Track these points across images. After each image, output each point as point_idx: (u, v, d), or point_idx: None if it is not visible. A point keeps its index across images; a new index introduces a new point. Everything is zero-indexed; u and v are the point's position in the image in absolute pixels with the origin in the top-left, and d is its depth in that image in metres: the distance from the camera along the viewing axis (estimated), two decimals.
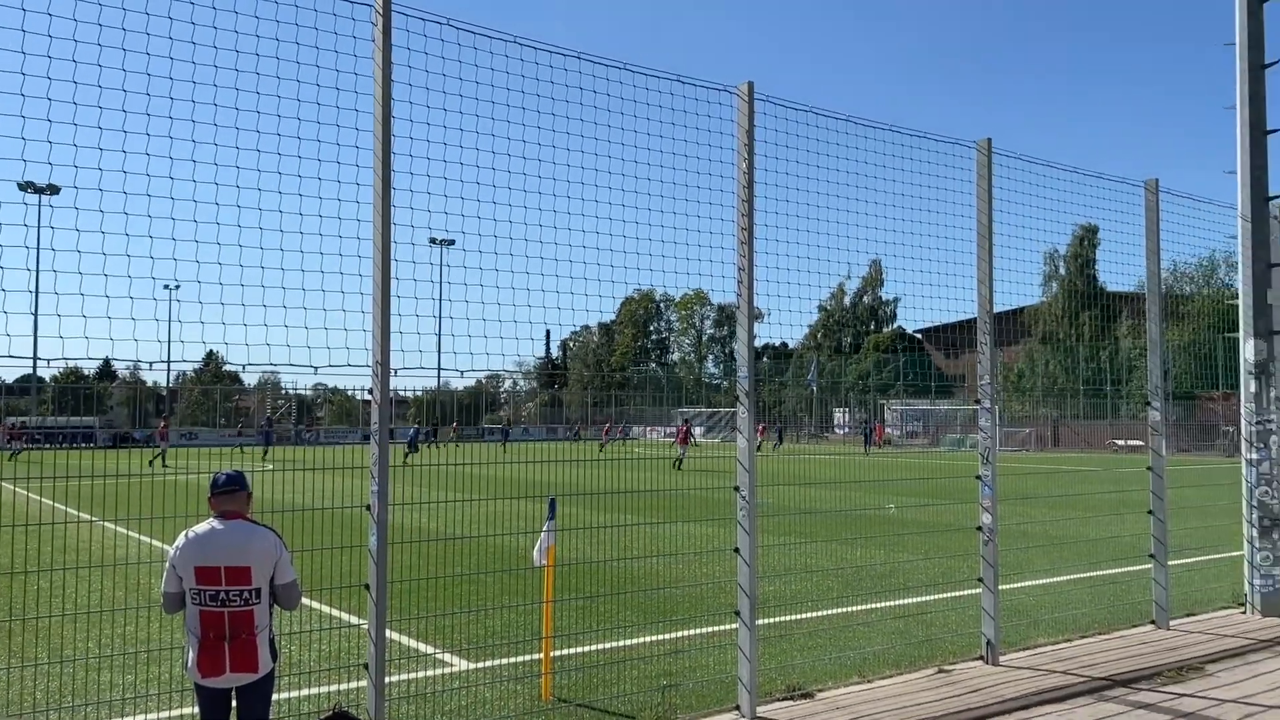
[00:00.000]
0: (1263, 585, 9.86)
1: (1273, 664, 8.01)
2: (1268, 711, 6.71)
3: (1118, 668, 7.78)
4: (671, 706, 6.66)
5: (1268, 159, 10.51)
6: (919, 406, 68.00)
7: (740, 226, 6.83)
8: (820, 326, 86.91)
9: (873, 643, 8.58)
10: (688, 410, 77.57)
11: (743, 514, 6.66)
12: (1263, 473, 10.06)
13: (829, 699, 6.89)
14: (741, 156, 6.82)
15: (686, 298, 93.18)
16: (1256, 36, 10.43)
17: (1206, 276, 57.14)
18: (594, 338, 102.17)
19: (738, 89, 6.83)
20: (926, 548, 13.99)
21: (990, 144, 8.19)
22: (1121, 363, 56.06)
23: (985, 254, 8.18)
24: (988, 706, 6.73)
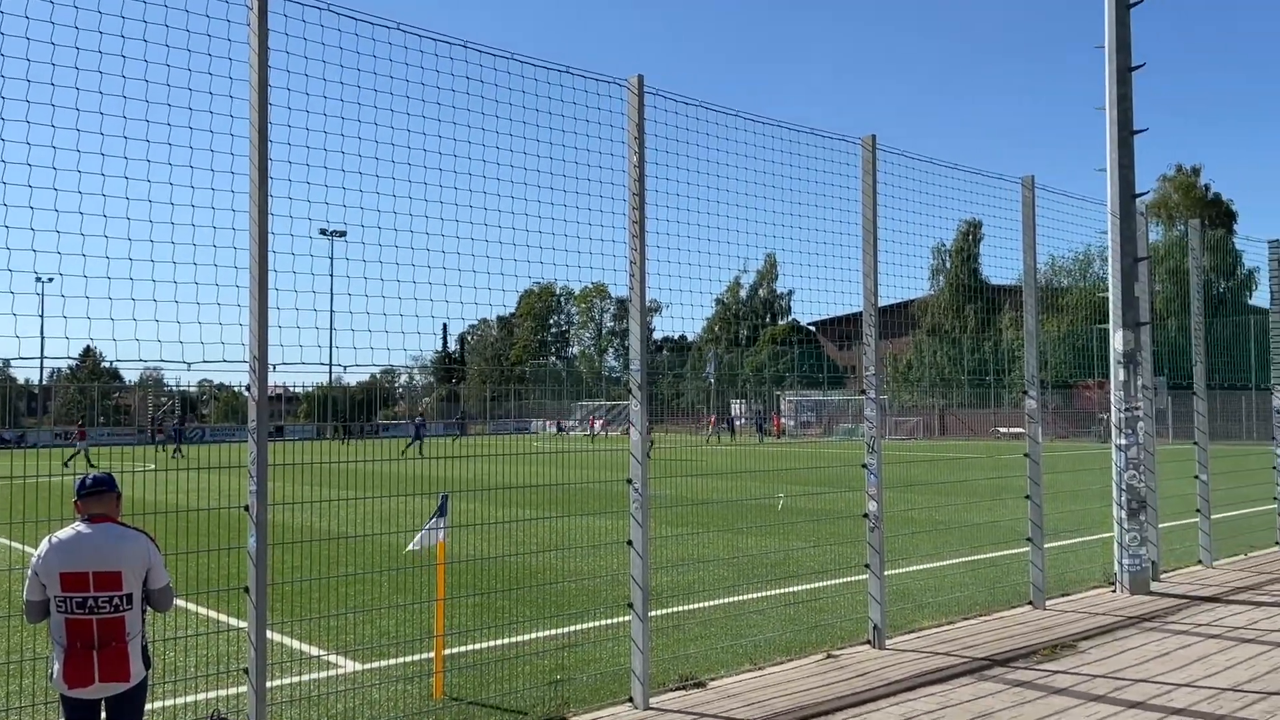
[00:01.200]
0: (1131, 565, 10.37)
1: (1139, 639, 8.42)
2: (1134, 685, 7.05)
3: (997, 648, 8.08)
4: (564, 701, 6.65)
5: (1134, 158, 11.03)
6: (813, 397, 69.44)
7: (632, 220, 6.84)
8: (718, 319, 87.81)
9: (764, 630, 8.72)
10: (588, 403, 77.58)
11: (635, 506, 6.68)
12: (1131, 457, 10.57)
13: (721, 687, 6.97)
14: (632, 150, 6.82)
15: (586, 291, 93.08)
16: (1124, 40, 10.92)
17: (1083, 270, 59.67)
18: (493, 331, 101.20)
19: (628, 82, 6.83)
20: (817, 535, 14.29)
21: (874, 140, 8.38)
22: (1004, 353, 58.17)
23: (870, 247, 8.36)
24: (873, 690, 6.90)
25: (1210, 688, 6.95)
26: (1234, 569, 11.84)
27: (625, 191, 6.88)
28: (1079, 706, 6.55)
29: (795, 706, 6.51)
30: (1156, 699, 6.70)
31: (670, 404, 72.99)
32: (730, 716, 6.32)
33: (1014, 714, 6.40)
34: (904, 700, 6.69)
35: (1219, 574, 11.49)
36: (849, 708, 6.51)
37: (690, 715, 6.36)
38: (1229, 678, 7.19)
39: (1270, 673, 7.32)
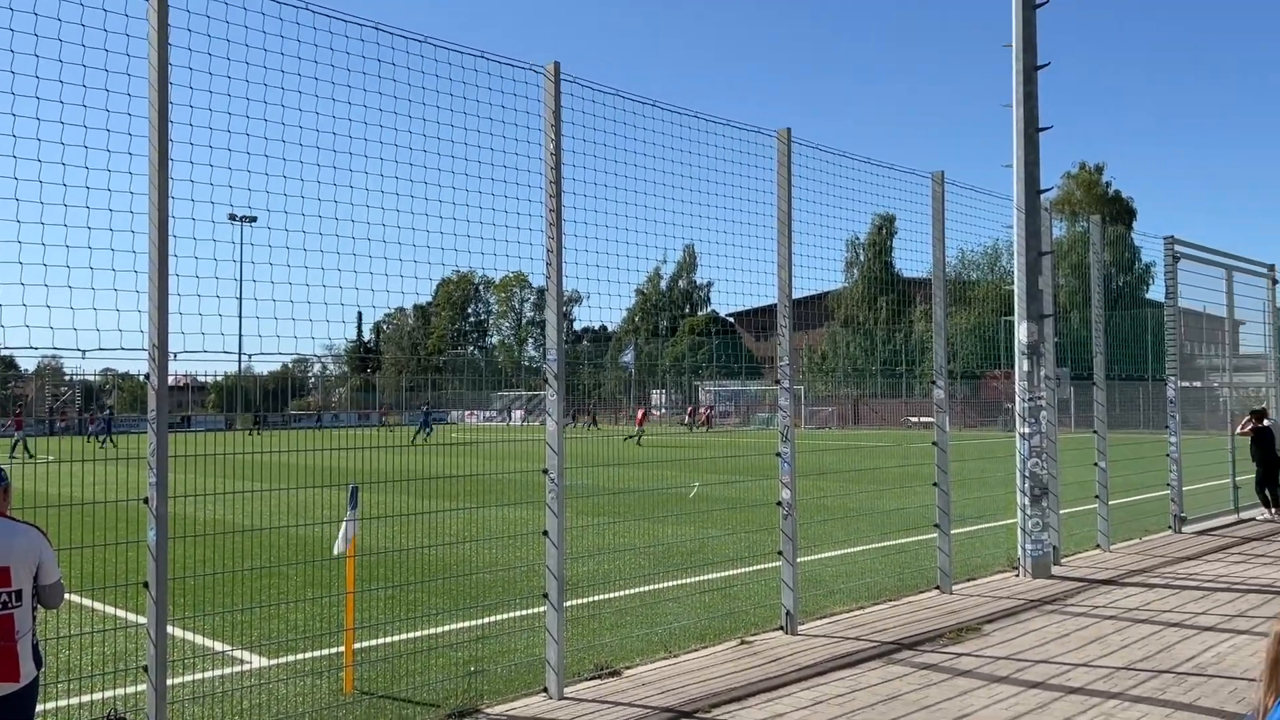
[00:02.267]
0: (1033, 549, 10.71)
1: (1040, 621, 8.71)
2: (1035, 665, 7.29)
3: (905, 632, 8.27)
4: (477, 693, 6.60)
5: (1040, 155, 11.36)
6: (731, 387, 70.18)
7: (549, 208, 6.80)
8: (638, 310, 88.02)
9: (680, 618, 8.78)
10: (507, 393, 77.07)
11: (551, 496, 6.65)
12: (1034, 445, 10.91)
13: (636, 675, 7.00)
14: (549, 137, 6.78)
15: (506, 280, 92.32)
16: (1030, 40, 11.23)
17: (991, 264, 61.36)
18: (409, 320, 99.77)
19: (544, 68, 6.77)
20: (733, 523, 14.43)
21: (790, 133, 8.46)
22: (915, 344, 59.54)
23: (785, 239, 8.45)
24: (785, 675, 7.00)
25: (1106, 667, 7.22)
26: (1130, 552, 12.32)
27: (543, 179, 6.83)
28: (982, 687, 6.74)
29: (709, 693, 6.57)
30: (1055, 679, 6.93)
31: (588, 394, 72.94)
32: (644, 704, 6.35)
33: (920, 696, 6.56)
34: (815, 685, 6.81)
35: (1116, 558, 11.94)
36: (762, 693, 6.59)
37: (605, 704, 6.37)
38: (1123, 657, 7.48)
39: (1161, 652, 7.64)
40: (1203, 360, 23.90)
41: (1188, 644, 7.86)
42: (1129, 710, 6.25)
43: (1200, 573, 10.97)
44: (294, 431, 50.39)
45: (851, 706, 6.34)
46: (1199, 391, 23.11)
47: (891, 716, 6.15)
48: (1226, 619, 8.71)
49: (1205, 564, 11.55)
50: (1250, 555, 12.19)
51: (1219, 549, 12.64)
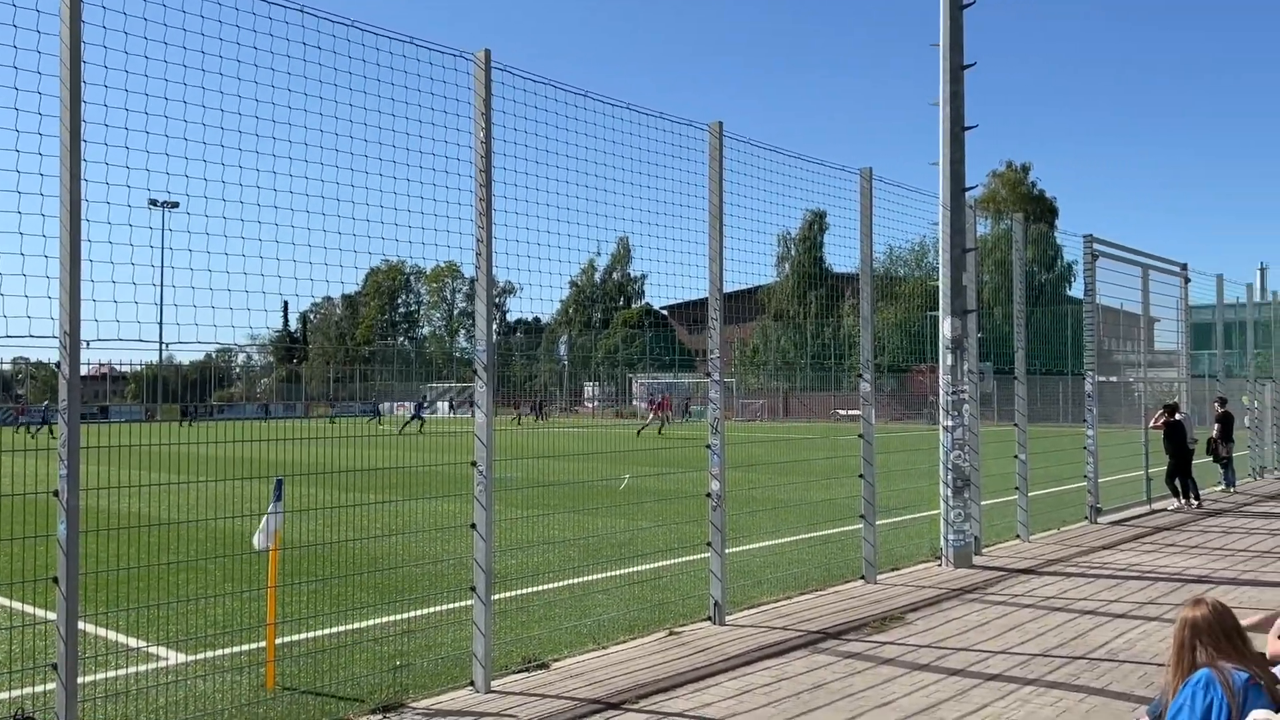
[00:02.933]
0: (955, 540, 10.95)
1: (961, 610, 8.91)
2: (955, 653, 7.45)
3: (831, 621, 8.39)
4: (403, 687, 6.52)
5: (965, 153, 11.58)
6: (664, 380, 70.42)
7: (479, 198, 6.73)
8: (572, 302, 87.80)
9: (609, 610, 8.79)
10: (438, 385, 76.28)
11: (480, 489, 6.60)
12: (957, 438, 11.14)
13: (564, 668, 6.99)
14: (479, 125, 6.71)
15: (437, 270, 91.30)
16: (957, 40, 11.44)
17: (918, 260, 62.47)
18: (337, 310, 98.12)
19: (475, 56, 6.70)
20: (662, 515, 14.49)
21: (721, 127, 8.50)
22: (844, 338, 60.39)
23: (716, 233, 8.49)
24: (713, 665, 7.06)
25: (1023, 654, 7.41)
26: (1048, 542, 12.67)
27: (473, 168, 6.76)
28: (905, 675, 6.87)
29: (636, 684, 6.58)
30: (975, 666, 7.10)
31: (522, 386, 72.59)
32: (572, 696, 6.34)
33: (845, 684, 6.66)
34: (742, 674, 6.87)
35: (1034, 547, 12.27)
36: (689, 683, 6.63)
37: (532, 696, 6.35)
38: (1039, 644, 7.69)
39: (1076, 638, 7.87)
40: (1119, 356, 24.65)
41: (1101, 631, 8.10)
42: (1044, 696, 6.43)
43: (1114, 562, 11.33)
44: (220, 423, 49.23)
45: (777, 695, 6.41)
46: (1115, 386, 23.82)
47: (816, 705, 6.23)
48: (1138, 606, 9.01)
49: (1119, 553, 11.92)
50: (1161, 545, 12.62)
51: (1132, 539, 13.07)
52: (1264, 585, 9.85)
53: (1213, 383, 21.60)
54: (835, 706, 6.20)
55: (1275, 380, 23.48)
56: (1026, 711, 6.12)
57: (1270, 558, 11.47)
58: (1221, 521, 14.80)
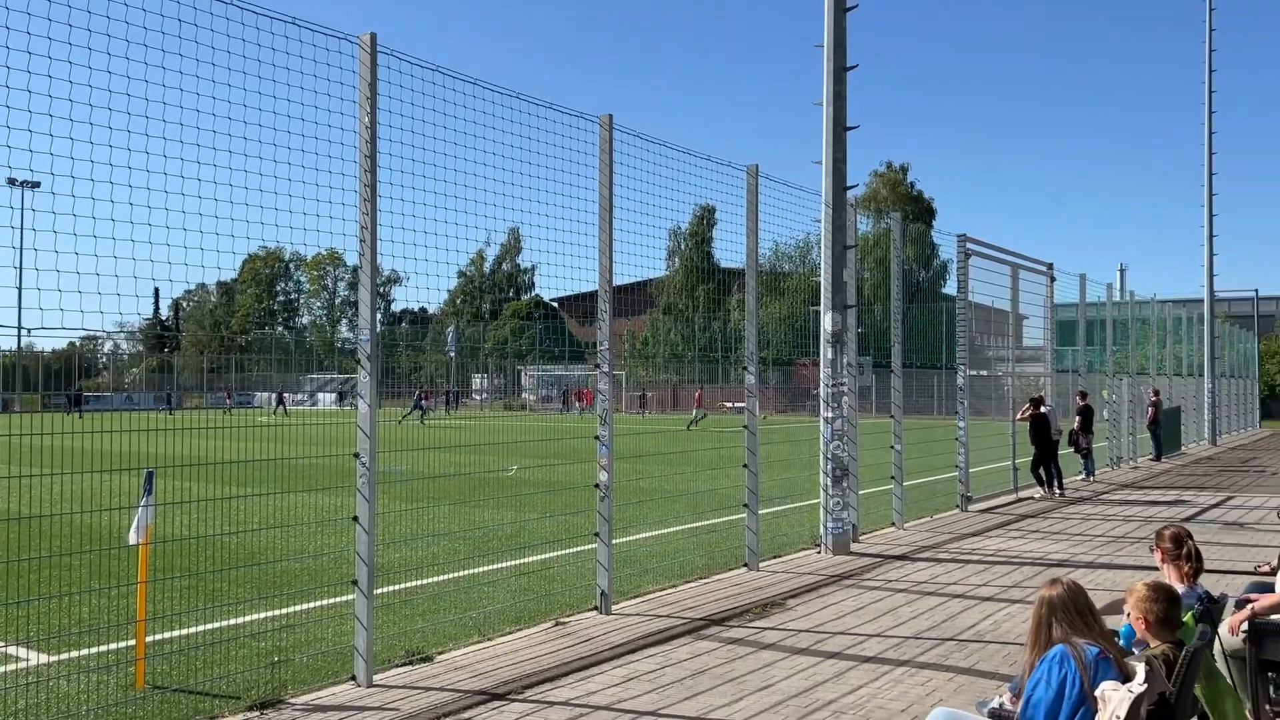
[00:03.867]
0: (834, 527, 11.28)
1: (839, 595, 9.19)
2: (833, 637, 7.70)
3: (715, 608, 8.55)
4: (281, 683, 6.38)
5: (847, 152, 11.91)
6: (554, 372, 70.28)
7: (364, 184, 6.60)
8: (460, 292, 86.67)
9: (495, 602, 8.76)
10: (318, 376, 74.33)
11: (362, 481, 6.49)
12: (836, 429, 11.47)
13: (448, 660, 6.94)
14: (364, 110, 6.58)
15: (318, 257, 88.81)
16: (840, 41, 11.74)
17: (802, 256, 63.83)
18: (211, 298, 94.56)
19: (360, 39, 6.57)
20: (550, 506, 14.49)
21: (611, 120, 8.54)
22: (731, 332, 61.30)
23: (606, 225, 8.54)
24: (598, 654, 7.12)
25: (897, 636, 7.70)
26: (921, 530, 13.17)
27: (357, 154, 6.63)
28: (785, 659, 7.06)
29: (522, 675, 6.59)
30: (851, 649, 7.34)
31: (408, 377, 71.30)
32: (456, 688, 6.31)
33: (727, 669, 6.80)
34: (627, 662, 6.94)
35: (909, 535, 12.73)
36: (574, 672, 6.67)
37: (415, 690, 6.29)
38: (912, 627, 8.00)
39: (946, 621, 8.21)
40: (990, 351, 25.70)
41: (969, 613, 8.48)
42: (916, 676, 6.70)
43: (983, 548, 11.85)
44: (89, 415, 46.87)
45: (662, 681, 6.51)
46: (986, 380, 24.82)
47: (699, 689, 6.35)
48: (1004, 589, 9.46)
49: (987, 539, 12.48)
50: (1026, 531, 13.26)
51: (1000, 526, 13.69)
52: (1118, 568, 10.45)
53: (1075, 377, 22.76)
54: (718, 690, 6.33)
55: (1131, 375, 24.89)
56: (899, 691, 6.37)
57: (1124, 542, 12.17)
58: (1082, 509, 15.63)
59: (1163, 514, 14.51)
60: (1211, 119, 33.48)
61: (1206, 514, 14.92)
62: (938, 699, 6.13)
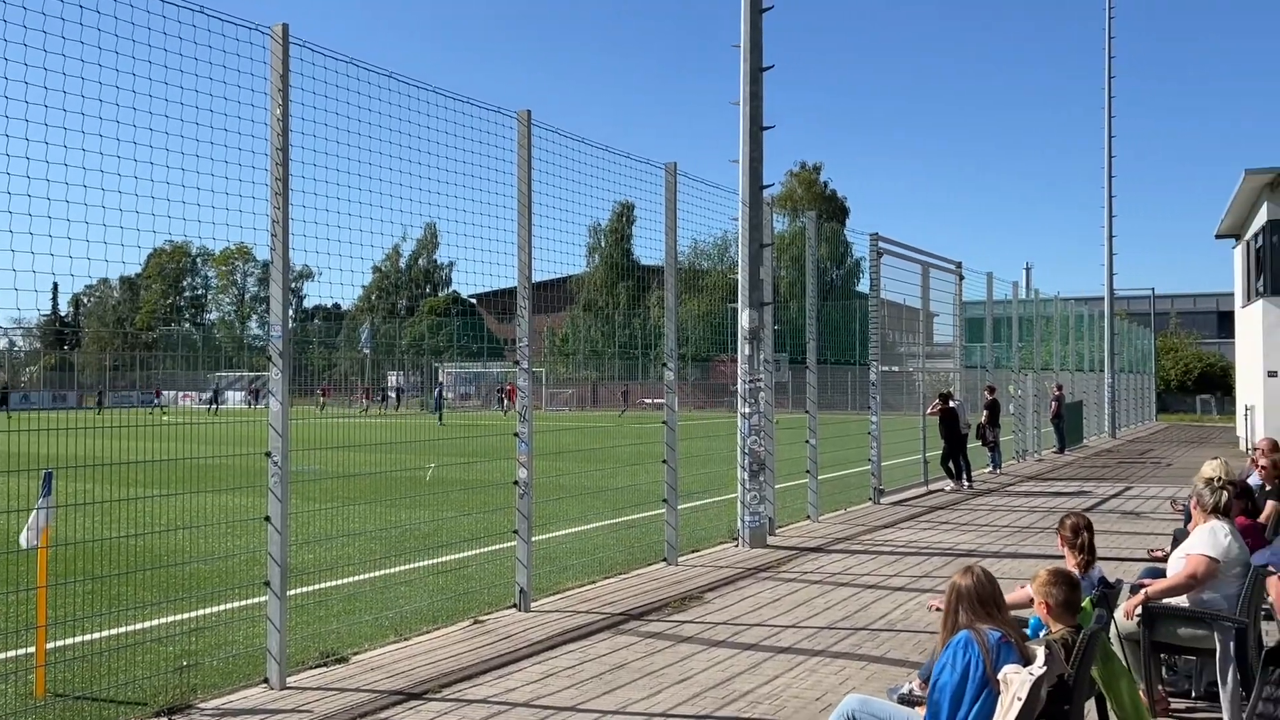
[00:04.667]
0: (751, 521, 11.43)
1: (756, 587, 9.33)
2: (750, 629, 7.81)
3: (634, 603, 8.60)
4: (190, 688, 6.22)
5: (764, 152, 12.07)
6: (473, 369, 69.65)
7: (275, 177, 6.47)
8: (375, 288, 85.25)
9: (412, 601, 8.67)
10: (228, 374, 72.39)
11: (274, 480, 6.37)
12: (753, 424, 11.62)
13: (364, 661, 6.85)
14: (275, 102, 6.45)
15: (227, 252, 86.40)
16: (757, 42, 11.89)
17: (721, 254, 64.40)
18: (114, 293, 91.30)
19: (271, 29, 6.43)
20: (469, 504, 14.39)
21: (530, 115, 8.51)
22: (651, 329, 61.56)
23: (525, 221, 8.51)
24: (517, 650, 7.10)
25: (811, 627, 7.86)
26: (836, 522, 13.43)
27: (269, 147, 6.50)
28: (702, 651, 7.15)
29: (440, 673, 6.55)
30: (767, 640, 7.47)
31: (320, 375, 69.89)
32: (372, 689, 6.23)
33: (646, 663, 6.86)
34: (546, 659, 6.95)
35: (823, 527, 12.98)
36: (493, 670, 6.65)
37: (330, 691, 6.20)
38: (826, 618, 8.17)
39: (859, 611, 8.40)
40: (902, 348, 26.29)
41: (881, 603, 8.69)
42: (829, 665, 6.84)
43: (895, 539, 12.15)
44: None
45: (581, 677, 6.53)
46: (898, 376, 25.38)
47: (618, 684, 6.39)
48: (914, 579, 9.71)
49: (899, 531, 12.80)
50: (937, 522, 13.63)
51: (911, 517, 14.04)
52: (1023, 557, 10.82)
53: (983, 373, 23.45)
54: (637, 684, 6.38)
55: (1036, 371, 25.74)
56: (813, 680, 6.50)
57: (1029, 532, 12.60)
58: (989, 500, 16.13)
59: (1066, 504, 15.06)
60: (1111, 123, 34.78)
61: (1106, 504, 15.53)
62: (850, 687, 6.27)
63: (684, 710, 5.91)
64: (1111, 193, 35.05)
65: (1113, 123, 34.76)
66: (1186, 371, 60.99)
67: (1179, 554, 6.05)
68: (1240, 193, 24.73)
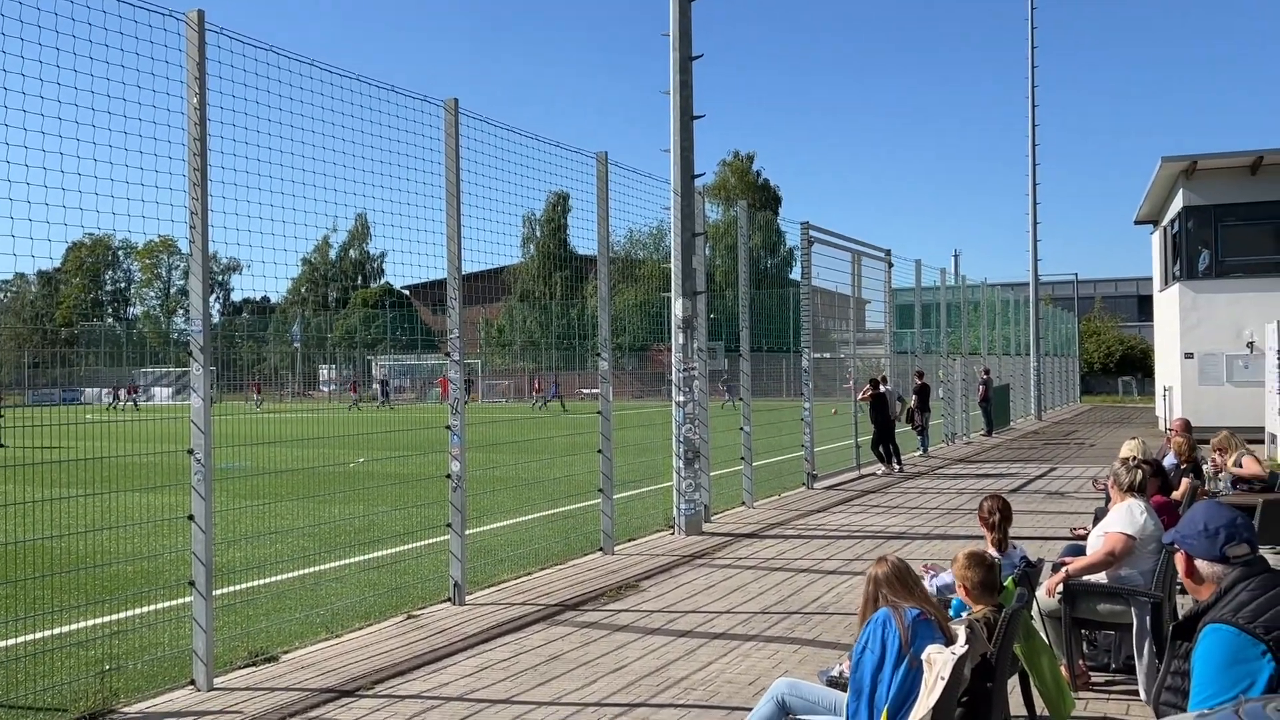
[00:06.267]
0: (686, 509, 11.50)
1: (691, 574, 9.39)
2: (685, 616, 7.86)
3: (570, 593, 8.60)
4: (113, 692, 6.06)
5: (695, 141, 12.09)
6: (407, 361, 68.86)
7: (193, 168, 6.32)
8: (305, 280, 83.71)
9: (344, 598, 8.56)
10: (153, 370, 70.55)
11: (198, 479, 6.23)
12: (688, 413, 11.68)
13: (294, 659, 6.75)
14: (192, 91, 6.29)
15: (151, 245, 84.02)
16: (686, 31, 11.90)
17: (656, 243, 64.51)
18: (32, 288, 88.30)
19: (186, 15, 6.26)
20: (401, 499, 14.24)
21: (456, 103, 8.42)
22: (588, 319, 61.46)
23: (454, 211, 8.42)
24: (452, 644, 7.06)
25: (746, 612, 7.93)
26: (770, 508, 13.57)
27: (186, 136, 6.34)
28: (638, 640, 7.18)
29: (373, 670, 6.48)
30: (702, 626, 7.52)
31: (251, 369, 68.44)
32: (303, 687, 6.14)
33: (581, 653, 6.86)
34: (480, 652, 6.91)
35: (758, 513, 13.11)
36: (427, 665, 6.60)
37: (259, 690, 6.09)
38: (760, 603, 8.26)
39: (792, 595, 8.51)
40: (834, 335, 26.61)
41: (814, 587, 8.81)
42: (763, 649, 6.92)
43: (828, 523, 12.32)
44: None
45: (516, 669, 6.51)
46: (830, 362, 25.68)
47: (553, 675, 6.39)
48: (846, 563, 9.86)
49: (832, 515, 12.98)
50: (868, 506, 13.85)
51: (843, 502, 14.25)
52: (951, 539, 11.05)
53: (913, 358, 23.86)
54: (572, 675, 6.38)
55: (964, 355, 26.27)
56: (747, 665, 6.57)
57: (958, 514, 12.87)
58: (919, 483, 16.43)
59: (993, 486, 15.41)
60: (1034, 112, 35.56)
61: (1032, 484, 15.93)
62: (783, 670, 6.35)
63: (618, 699, 5.93)
64: (1035, 180, 35.87)
65: (1036, 111, 35.56)
66: (1109, 354, 62.82)
67: (1098, 532, 6.23)
68: (1157, 180, 25.50)
